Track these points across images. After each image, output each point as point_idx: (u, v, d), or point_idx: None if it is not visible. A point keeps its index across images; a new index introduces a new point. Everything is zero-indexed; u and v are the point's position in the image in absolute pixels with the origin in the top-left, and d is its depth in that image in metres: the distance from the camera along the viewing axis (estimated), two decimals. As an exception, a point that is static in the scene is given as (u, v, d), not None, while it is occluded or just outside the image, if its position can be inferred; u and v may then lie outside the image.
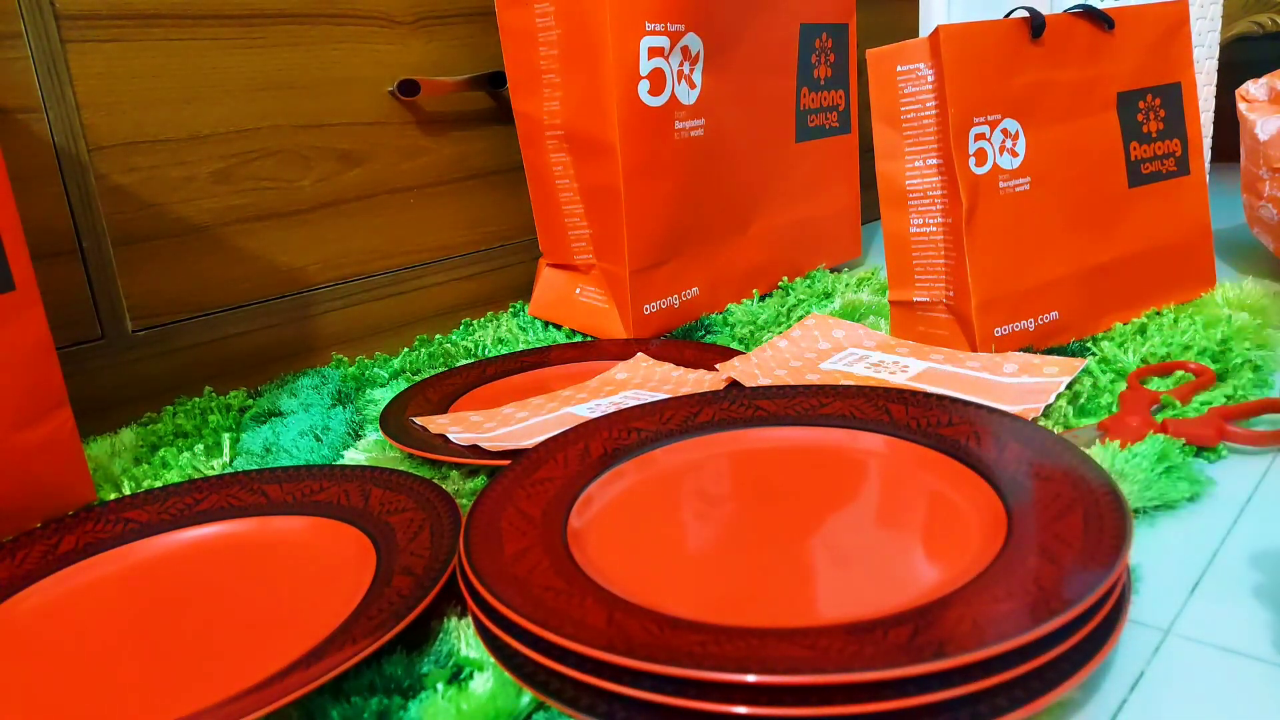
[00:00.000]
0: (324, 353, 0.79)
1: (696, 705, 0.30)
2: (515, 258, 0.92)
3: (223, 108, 0.71)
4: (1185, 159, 0.73)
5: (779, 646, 0.31)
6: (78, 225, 0.65)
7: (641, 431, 0.52)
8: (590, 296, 0.83)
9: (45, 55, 0.62)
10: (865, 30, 1.18)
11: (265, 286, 0.75)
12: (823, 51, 0.93)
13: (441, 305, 0.87)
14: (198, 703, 0.34)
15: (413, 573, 0.40)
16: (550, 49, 0.77)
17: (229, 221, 0.72)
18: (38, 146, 0.62)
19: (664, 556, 0.41)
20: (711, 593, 0.37)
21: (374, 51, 0.79)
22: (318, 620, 0.39)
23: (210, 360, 0.72)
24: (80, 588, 0.45)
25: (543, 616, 0.34)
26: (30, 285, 0.50)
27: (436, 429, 0.58)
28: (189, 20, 0.68)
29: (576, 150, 0.78)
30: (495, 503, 0.44)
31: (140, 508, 0.51)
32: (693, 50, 0.78)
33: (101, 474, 0.58)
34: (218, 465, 0.59)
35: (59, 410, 0.51)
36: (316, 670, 0.34)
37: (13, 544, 0.48)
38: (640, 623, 0.34)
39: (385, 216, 0.82)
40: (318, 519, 0.48)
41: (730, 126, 0.84)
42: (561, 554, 0.40)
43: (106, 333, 0.67)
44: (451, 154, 0.86)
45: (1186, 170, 0.73)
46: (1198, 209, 0.74)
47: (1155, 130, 0.71)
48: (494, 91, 0.87)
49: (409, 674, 0.36)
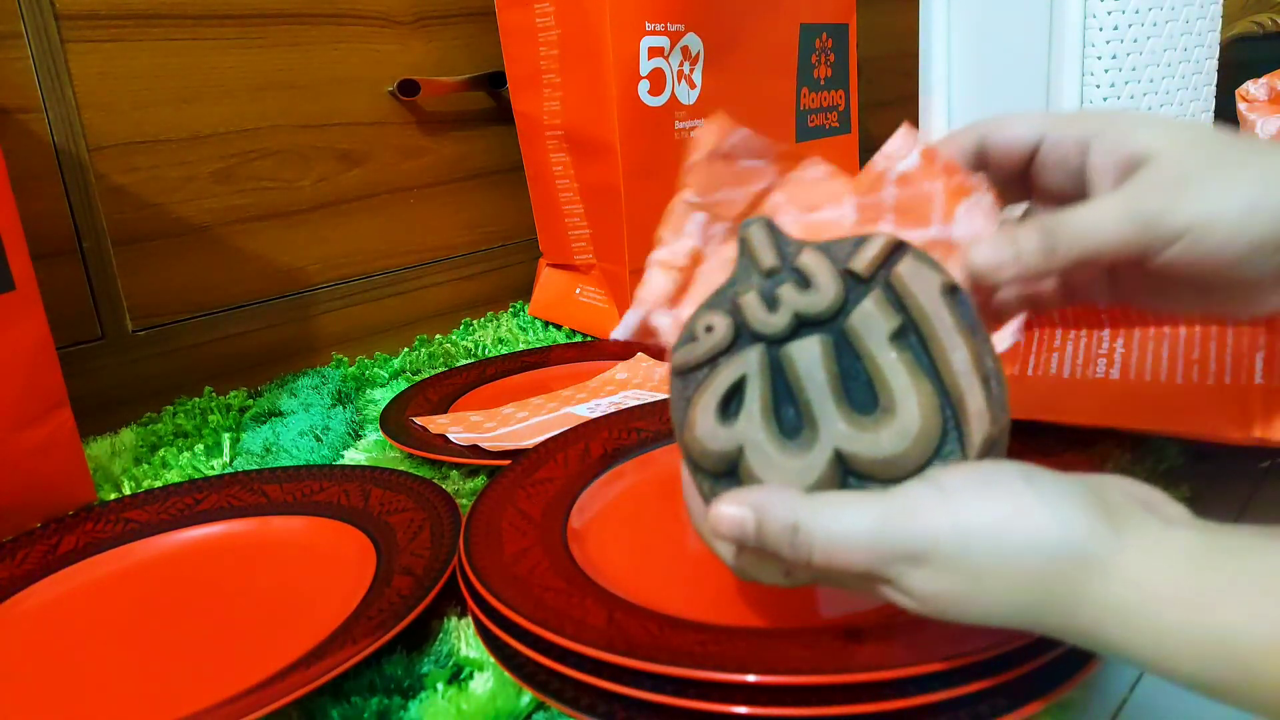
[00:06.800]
0: (324, 353, 0.79)
1: (696, 705, 0.30)
2: (515, 258, 0.92)
3: (223, 108, 0.71)
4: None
5: (779, 646, 0.31)
6: (78, 225, 0.65)
7: (641, 431, 0.52)
8: (590, 296, 0.83)
9: (45, 55, 0.62)
10: (865, 30, 1.17)
11: (265, 286, 0.75)
12: (823, 51, 0.93)
13: (441, 305, 0.87)
14: (198, 703, 0.34)
15: (413, 573, 0.40)
16: (550, 49, 0.76)
17: (229, 221, 0.72)
18: (38, 146, 0.62)
19: (664, 556, 0.41)
20: (711, 593, 0.37)
21: (374, 51, 0.79)
22: (318, 620, 0.39)
23: (210, 360, 0.72)
24: (80, 588, 0.45)
25: (543, 616, 0.34)
26: (30, 285, 0.50)
27: (436, 429, 0.58)
28: (189, 20, 0.68)
29: (576, 150, 0.78)
30: (495, 503, 0.44)
31: (140, 508, 0.51)
32: (693, 50, 0.78)
33: (101, 474, 0.58)
34: (218, 465, 0.59)
35: (59, 410, 0.51)
36: (316, 670, 0.34)
37: (13, 544, 0.48)
38: (640, 623, 0.34)
39: (385, 216, 0.82)
40: (318, 519, 0.48)
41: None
42: (561, 554, 0.40)
43: (106, 333, 0.67)
44: (451, 154, 0.86)
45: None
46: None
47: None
48: (494, 91, 0.87)
49: (409, 674, 0.36)
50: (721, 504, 0.28)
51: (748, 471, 0.29)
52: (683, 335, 0.31)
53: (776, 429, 0.29)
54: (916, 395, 0.28)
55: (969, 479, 0.26)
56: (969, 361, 0.28)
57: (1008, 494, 0.25)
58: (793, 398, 0.29)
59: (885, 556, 0.26)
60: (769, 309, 0.30)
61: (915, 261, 0.29)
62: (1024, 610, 0.25)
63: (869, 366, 0.29)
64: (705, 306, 0.31)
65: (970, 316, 0.29)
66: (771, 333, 0.29)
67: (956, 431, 0.28)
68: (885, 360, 0.29)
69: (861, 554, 0.26)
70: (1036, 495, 0.25)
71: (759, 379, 0.29)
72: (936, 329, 0.28)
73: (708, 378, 0.30)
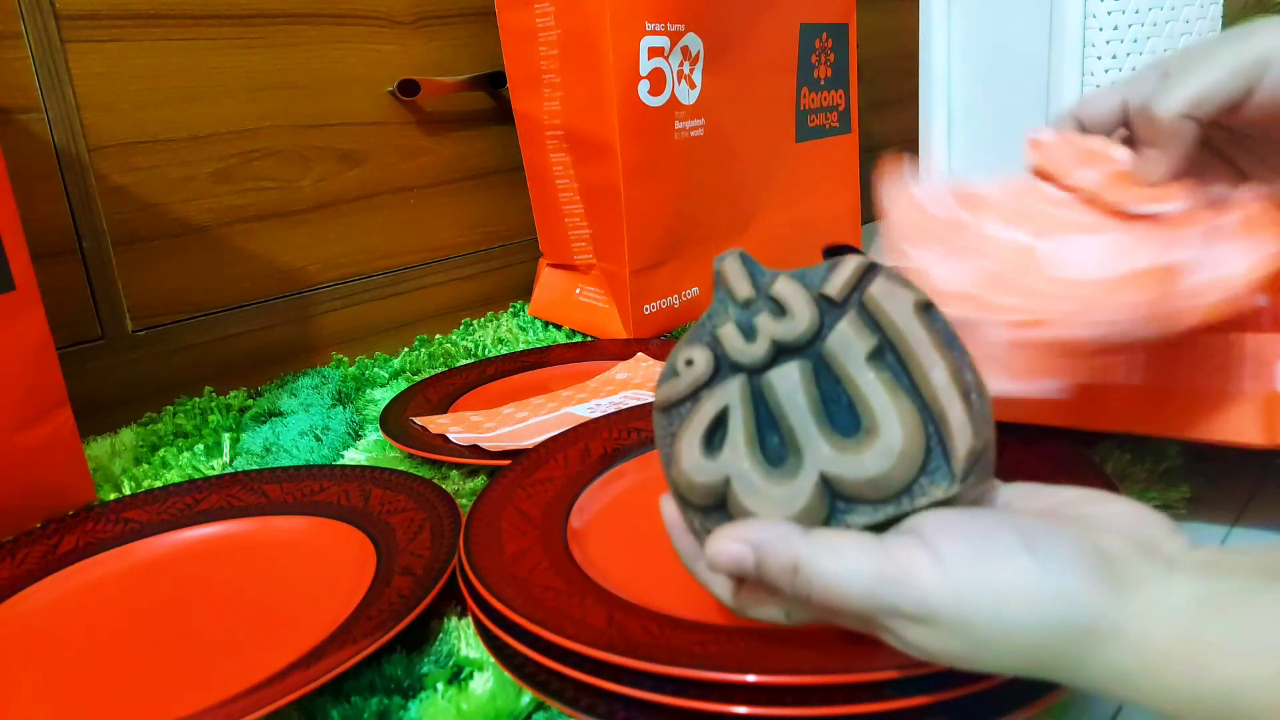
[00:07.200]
0: (324, 353, 0.79)
1: (696, 705, 0.30)
2: (515, 258, 0.92)
3: (223, 108, 0.71)
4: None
5: (779, 646, 0.31)
6: (78, 225, 0.65)
7: (641, 431, 0.52)
8: (590, 296, 0.83)
9: (45, 55, 0.62)
10: (865, 30, 1.17)
11: (265, 286, 0.75)
12: (823, 51, 0.93)
13: (441, 305, 0.87)
14: (198, 703, 0.34)
15: (413, 573, 0.40)
16: (550, 49, 0.76)
17: (229, 221, 0.72)
18: (38, 146, 0.62)
19: (664, 556, 0.41)
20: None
21: (374, 51, 0.79)
22: (318, 620, 0.39)
23: (210, 360, 0.72)
24: (80, 588, 0.45)
25: (543, 616, 0.34)
26: (30, 285, 0.50)
27: (436, 429, 0.58)
28: (189, 20, 0.68)
29: (576, 150, 0.78)
30: (495, 503, 0.44)
31: (140, 508, 0.51)
32: (693, 50, 0.78)
33: (101, 474, 0.58)
34: (218, 465, 0.59)
35: (59, 410, 0.51)
36: (316, 670, 0.34)
37: (13, 544, 0.48)
38: (640, 623, 0.34)
39: (385, 216, 0.82)
40: (318, 519, 0.48)
41: (730, 126, 0.84)
42: (561, 554, 0.40)
43: (106, 333, 0.67)
44: (451, 154, 0.86)
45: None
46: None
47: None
48: (494, 91, 0.87)
49: (409, 674, 0.36)
50: (721, 540, 0.28)
51: (735, 502, 0.29)
52: (664, 372, 0.31)
53: (761, 457, 0.29)
54: (898, 413, 0.28)
55: (966, 546, 0.25)
56: (948, 376, 0.28)
57: (1006, 564, 0.25)
58: (776, 425, 0.29)
59: (883, 611, 0.26)
60: (747, 339, 0.30)
61: (887, 282, 0.29)
62: (1027, 669, 0.25)
63: (849, 388, 0.29)
64: (684, 341, 0.31)
65: (947, 331, 0.29)
66: (751, 362, 0.30)
67: (941, 447, 0.28)
68: (864, 381, 0.29)
69: (859, 602, 0.26)
70: (1036, 565, 0.25)
71: (741, 409, 0.29)
72: (913, 346, 0.28)
73: (691, 412, 0.30)
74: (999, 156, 0.87)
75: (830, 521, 0.28)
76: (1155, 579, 0.25)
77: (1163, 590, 0.24)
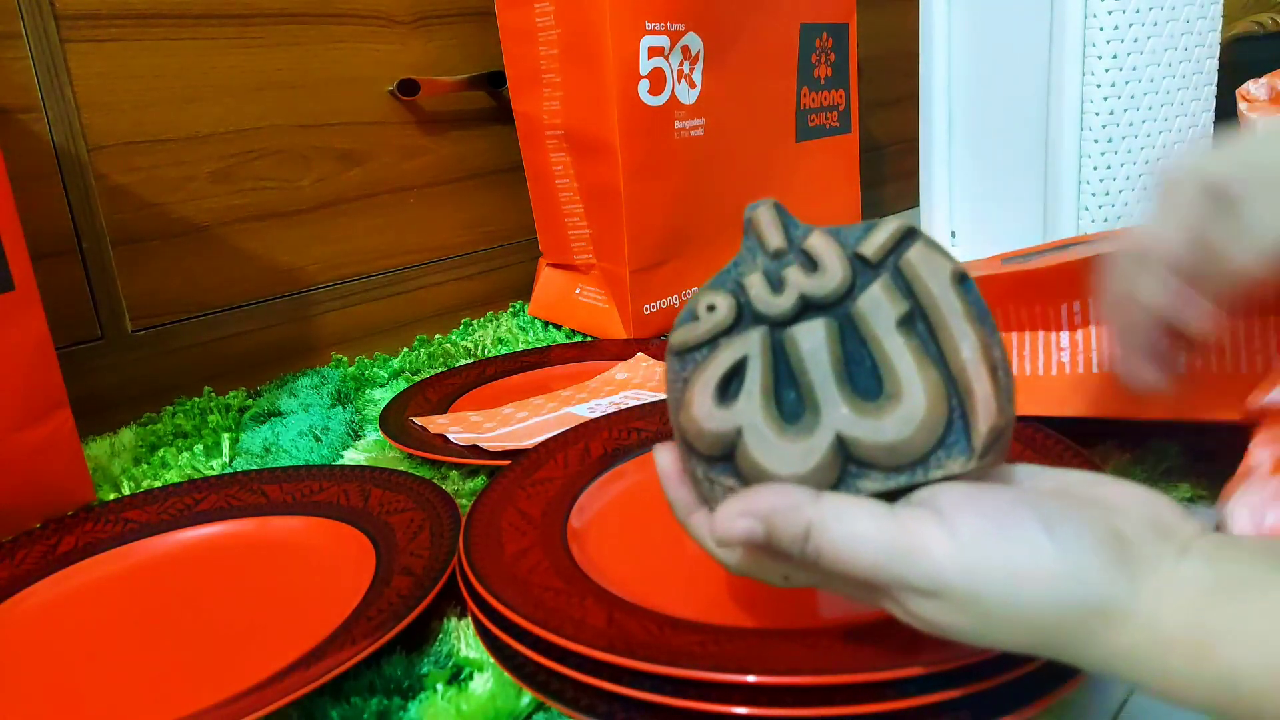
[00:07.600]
0: (324, 353, 0.79)
1: (696, 705, 0.30)
2: (515, 258, 0.92)
3: (223, 108, 0.71)
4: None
5: (779, 646, 0.31)
6: (78, 225, 0.65)
7: (641, 431, 0.52)
8: (590, 296, 0.83)
9: (45, 55, 0.62)
10: (865, 30, 1.17)
11: (265, 286, 0.75)
12: (823, 51, 0.93)
13: (441, 305, 0.87)
14: (198, 703, 0.34)
15: (412, 573, 0.40)
16: (550, 49, 0.76)
17: (229, 221, 0.72)
18: (38, 146, 0.62)
19: (664, 556, 0.41)
20: (711, 593, 0.37)
21: (374, 51, 0.79)
22: (318, 620, 0.39)
23: (210, 360, 0.72)
24: (80, 588, 0.45)
25: (543, 616, 0.34)
26: (30, 285, 0.50)
27: (436, 429, 0.58)
28: (189, 20, 0.68)
29: (576, 150, 0.78)
30: (495, 503, 0.44)
31: (140, 508, 0.51)
32: (693, 50, 0.78)
33: (101, 474, 0.58)
34: (217, 465, 0.59)
35: (59, 410, 0.51)
36: (316, 670, 0.34)
37: (13, 544, 0.48)
38: (640, 623, 0.34)
39: (385, 216, 0.82)
40: (317, 519, 0.48)
41: (730, 126, 0.84)
42: (561, 554, 0.40)
43: (106, 333, 0.67)
44: (451, 154, 0.85)
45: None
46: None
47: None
48: (494, 91, 0.87)
49: (409, 674, 0.36)
50: (730, 515, 0.27)
51: (745, 455, 0.28)
52: (682, 314, 0.30)
53: (777, 412, 0.28)
54: (923, 382, 0.27)
55: (983, 522, 0.25)
56: (977, 350, 0.28)
57: (1024, 543, 0.25)
58: (795, 381, 0.29)
59: (893, 582, 0.26)
60: (774, 290, 0.29)
61: (926, 248, 0.29)
62: (1032, 646, 0.25)
63: (874, 351, 0.28)
64: (708, 286, 0.30)
65: (980, 306, 0.28)
66: (775, 314, 0.29)
67: (962, 421, 0.27)
68: (892, 345, 0.28)
69: (868, 572, 0.26)
70: (1054, 546, 0.24)
71: (760, 360, 0.29)
72: (945, 316, 0.28)
73: (708, 358, 0.29)
74: (999, 157, 0.87)
75: (839, 485, 0.28)
76: (1169, 564, 0.24)
77: (1174, 574, 0.24)
